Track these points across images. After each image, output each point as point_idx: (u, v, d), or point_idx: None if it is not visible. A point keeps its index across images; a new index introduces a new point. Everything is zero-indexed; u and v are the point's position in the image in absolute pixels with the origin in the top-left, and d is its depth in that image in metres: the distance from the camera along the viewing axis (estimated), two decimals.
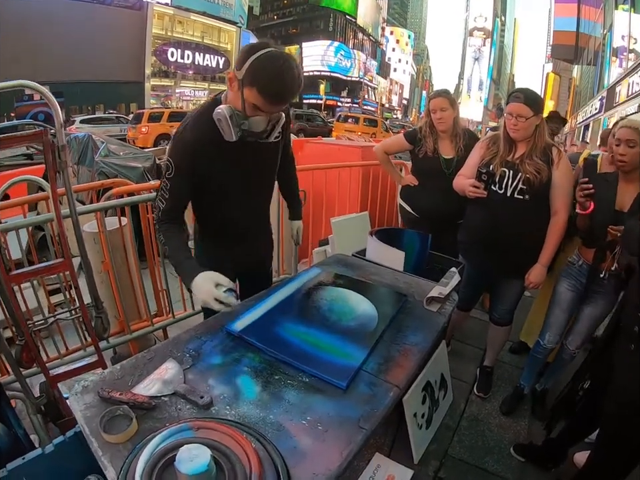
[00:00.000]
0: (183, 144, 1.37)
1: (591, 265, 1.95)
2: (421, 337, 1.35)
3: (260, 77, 1.21)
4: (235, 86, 1.28)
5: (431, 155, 2.53)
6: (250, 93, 1.24)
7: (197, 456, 0.72)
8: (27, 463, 1.06)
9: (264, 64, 1.21)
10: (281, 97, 1.28)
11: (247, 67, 1.21)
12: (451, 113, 2.46)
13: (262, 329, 1.30)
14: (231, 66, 37.92)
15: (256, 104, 1.27)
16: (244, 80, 1.23)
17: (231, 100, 1.32)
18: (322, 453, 0.89)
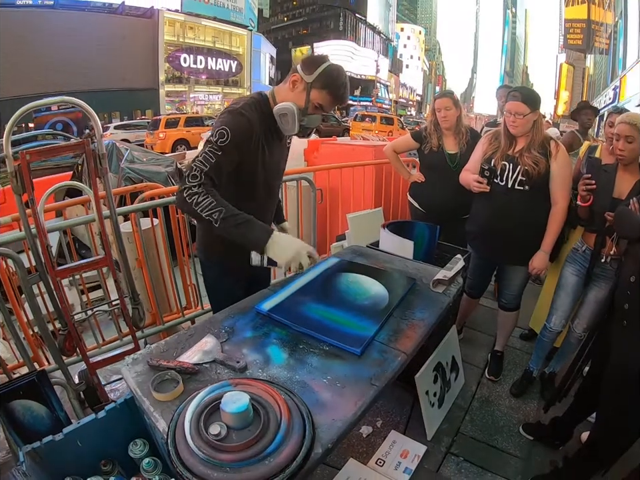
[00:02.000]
0: (245, 120, 1.43)
1: (593, 249, 2.05)
2: (427, 314, 1.52)
3: (333, 82, 1.46)
4: (299, 87, 1.47)
5: (436, 150, 2.72)
6: (319, 95, 1.47)
7: (239, 399, 0.91)
8: (81, 427, 1.17)
9: (335, 73, 1.47)
10: (344, 99, 1.52)
11: (319, 73, 1.44)
12: (454, 112, 2.65)
13: (287, 308, 1.49)
14: (244, 69, 38.30)
15: (322, 104, 1.49)
16: (314, 83, 1.45)
17: (289, 99, 1.49)
18: (340, 404, 1.06)
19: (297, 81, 1.47)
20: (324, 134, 16.88)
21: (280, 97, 1.52)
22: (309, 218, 3.33)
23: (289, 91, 1.50)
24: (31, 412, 1.60)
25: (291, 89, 1.49)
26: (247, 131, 1.44)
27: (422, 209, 2.92)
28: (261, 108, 1.50)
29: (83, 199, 2.56)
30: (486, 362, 2.72)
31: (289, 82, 1.49)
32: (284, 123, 1.49)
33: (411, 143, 2.90)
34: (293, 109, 1.45)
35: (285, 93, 1.51)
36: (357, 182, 3.64)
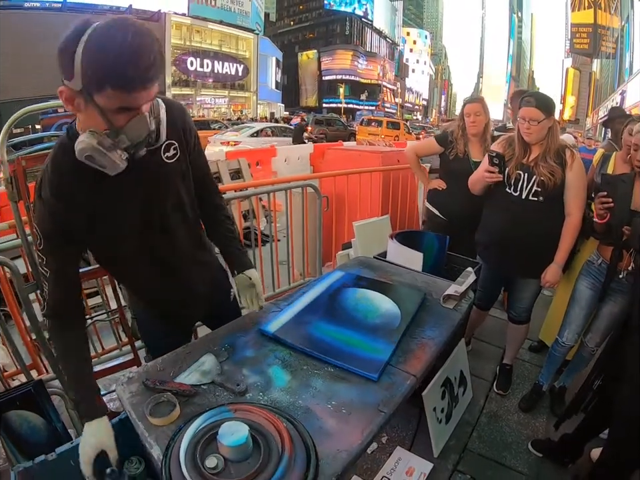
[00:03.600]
0: (43, 205, 1.04)
1: (609, 264, 1.97)
2: (438, 332, 1.45)
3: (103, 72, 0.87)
4: (79, 104, 0.93)
5: (461, 156, 2.65)
6: (104, 98, 0.90)
7: (237, 431, 0.84)
8: (74, 447, 1.12)
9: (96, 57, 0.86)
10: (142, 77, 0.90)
11: (80, 71, 0.87)
12: (483, 118, 2.59)
13: (296, 329, 1.41)
14: (250, 73, 38.64)
15: (123, 105, 0.92)
16: (87, 88, 0.88)
17: (85, 124, 0.97)
18: (345, 432, 1.00)
19: (70, 98, 0.93)
20: (330, 139, 16.90)
21: (81, 126, 1.00)
22: (314, 225, 3.28)
23: (80, 116, 0.98)
24: (27, 422, 1.55)
25: (74, 110, 0.95)
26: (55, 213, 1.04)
27: (442, 216, 2.85)
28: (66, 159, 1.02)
29: None
30: (494, 375, 2.66)
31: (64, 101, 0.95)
32: (101, 165, 0.97)
33: (435, 146, 2.80)
34: (89, 143, 0.93)
35: (81, 118, 0.99)
36: (363, 188, 3.60)
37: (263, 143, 11.35)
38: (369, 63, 58.18)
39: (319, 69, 55.46)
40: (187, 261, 1.31)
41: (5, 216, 3.24)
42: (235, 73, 37.65)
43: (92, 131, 0.94)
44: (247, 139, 11.83)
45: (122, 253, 1.19)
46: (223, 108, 36.72)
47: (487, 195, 2.26)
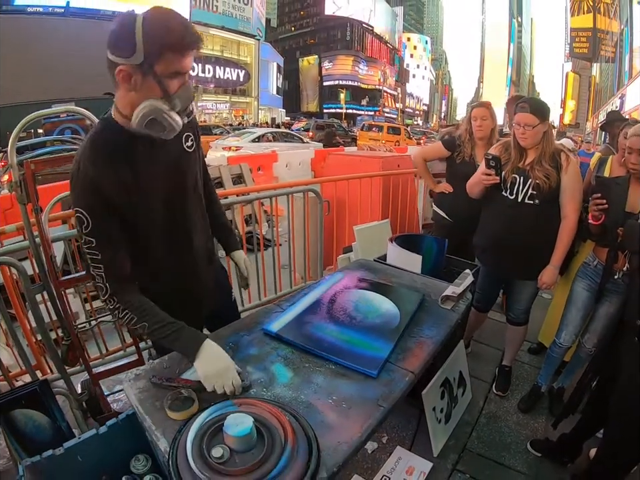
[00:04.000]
0: (84, 184, 1.12)
1: (605, 265, 2.00)
2: (435, 331, 1.49)
3: (165, 36, 1.04)
4: (137, 80, 1.07)
5: (468, 160, 2.72)
6: (165, 62, 1.05)
7: (242, 422, 0.88)
8: (82, 442, 1.15)
9: (157, 23, 1.04)
10: (191, 42, 1.09)
11: (142, 42, 1.02)
12: (490, 123, 2.67)
13: (298, 329, 1.46)
14: (251, 78, 38.74)
15: (176, 68, 1.08)
16: (148, 58, 1.03)
17: (137, 99, 1.10)
18: (345, 426, 1.04)
19: (129, 74, 1.06)
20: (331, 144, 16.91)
21: (123, 105, 1.14)
22: (315, 229, 3.31)
23: (126, 92, 1.11)
24: (32, 421, 1.59)
25: (129, 87, 1.09)
26: (98, 191, 1.11)
27: (448, 218, 2.92)
28: (106, 139, 1.16)
29: None
30: (494, 376, 2.68)
31: (119, 83, 1.09)
32: (156, 129, 1.11)
33: (442, 150, 2.89)
34: (155, 105, 1.08)
35: (124, 97, 1.13)
36: (364, 193, 3.62)
37: (265, 148, 11.39)
38: (370, 68, 58.34)
39: (319, 74, 55.64)
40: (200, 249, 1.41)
41: (10, 219, 3.28)
42: (237, 78, 37.79)
43: (151, 99, 1.08)
44: (249, 144, 11.87)
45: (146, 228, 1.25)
46: (224, 113, 36.83)
47: (484, 198, 2.30)
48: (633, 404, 1.51)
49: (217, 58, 35.85)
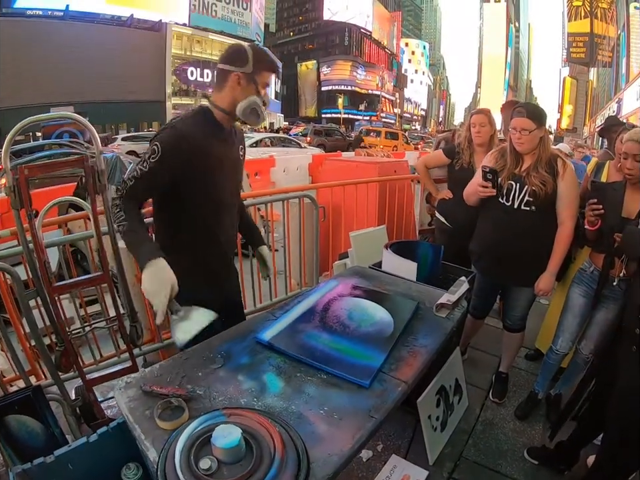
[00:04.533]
0: (180, 135, 1.41)
1: (602, 271, 1.99)
2: (430, 340, 1.48)
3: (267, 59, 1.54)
4: (243, 82, 1.48)
5: (466, 166, 2.74)
6: (262, 77, 1.52)
7: (230, 433, 0.87)
8: (72, 450, 1.15)
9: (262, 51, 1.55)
10: (279, 67, 1.71)
11: (253, 60, 1.48)
12: (488, 130, 2.69)
13: (290, 337, 1.44)
14: None
15: (267, 82, 1.54)
16: (255, 70, 1.49)
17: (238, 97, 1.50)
18: (336, 437, 1.02)
19: (239, 78, 1.48)
20: (329, 149, 16.96)
21: (224, 101, 1.52)
22: (311, 235, 3.30)
23: (232, 91, 1.50)
24: (25, 427, 1.59)
25: (235, 87, 1.49)
26: (181, 145, 1.40)
27: (448, 224, 2.94)
28: (204, 119, 1.52)
29: (83, 214, 2.53)
30: (490, 383, 2.66)
31: (229, 83, 1.49)
32: (253, 118, 1.53)
33: (443, 158, 2.93)
34: (256, 100, 1.50)
35: (228, 95, 1.50)
36: (360, 199, 3.61)
37: (262, 153, 11.37)
38: (368, 74, 58.54)
39: (318, 79, 55.82)
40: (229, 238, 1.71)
41: (7, 223, 3.27)
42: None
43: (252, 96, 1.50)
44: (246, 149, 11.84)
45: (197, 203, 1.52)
46: None
47: (480, 204, 2.29)
48: (631, 409, 1.51)
49: (216, 63, 35.74)
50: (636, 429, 1.49)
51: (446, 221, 2.97)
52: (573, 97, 44.73)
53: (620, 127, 3.38)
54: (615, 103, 22.75)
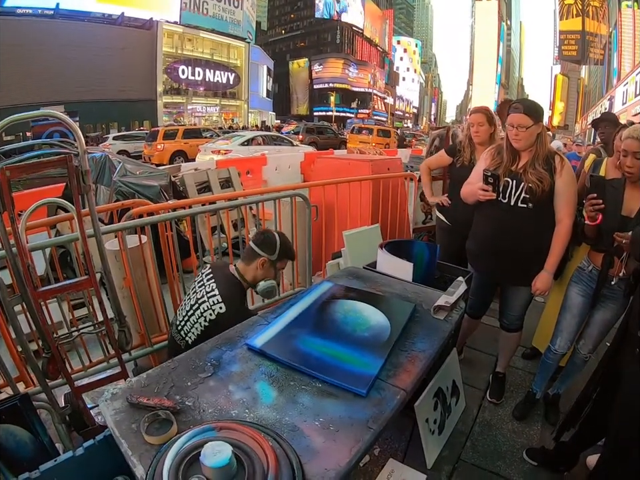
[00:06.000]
0: None
1: (601, 270, 1.96)
2: (428, 344, 1.43)
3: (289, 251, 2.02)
4: (267, 265, 1.94)
5: (467, 164, 2.72)
6: (282, 264, 2.01)
7: (220, 451, 0.81)
8: (58, 464, 1.11)
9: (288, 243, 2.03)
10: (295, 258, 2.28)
11: (279, 251, 1.95)
12: (487, 128, 2.67)
13: (283, 344, 1.39)
14: (241, 81, 38.60)
15: (283, 267, 2.05)
16: (279, 258, 1.96)
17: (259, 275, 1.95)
18: (333, 450, 0.97)
19: (264, 262, 1.92)
20: (321, 147, 16.91)
21: (249, 275, 1.96)
22: (303, 235, 3.24)
23: (257, 270, 1.94)
24: (13, 437, 1.54)
25: (260, 268, 1.93)
26: None
27: (447, 222, 2.94)
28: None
29: (68, 216, 2.46)
30: (487, 384, 2.63)
31: (256, 264, 1.93)
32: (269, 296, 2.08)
33: (445, 157, 2.94)
34: (274, 284, 1.99)
35: (254, 271, 1.95)
36: (353, 197, 3.56)
37: (254, 152, 11.29)
38: (360, 71, 58.50)
39: (310, 77, 55.72)
40: None
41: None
42: (226, 81, 37.72)
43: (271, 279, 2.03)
44: (238, 148, 11.79)
45: None
46: (214, 116, 36.73)
47: (477, 203, 2.25)
48: (635, 413, 1.47)
49: (207, 61, 35.78)
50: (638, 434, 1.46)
51: (445, 219, 2.96)
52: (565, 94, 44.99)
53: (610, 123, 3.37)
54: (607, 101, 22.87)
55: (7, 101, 19.77)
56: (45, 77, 23.84)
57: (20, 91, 21.71)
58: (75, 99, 23.87)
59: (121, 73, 28.41)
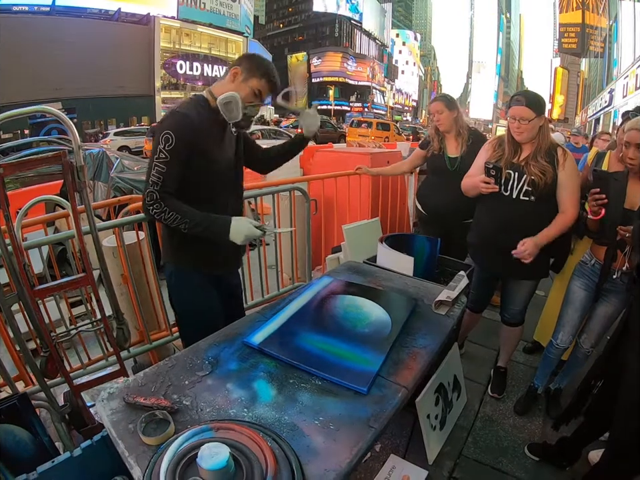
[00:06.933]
0: (186, 119, 1.50)
1: (603, 264, 1.95)
2: (430, 340, 1.41)
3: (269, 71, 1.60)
4: (239, 78, 1.59)
5: (437, 152, 2.78)
6: (258, 82, 1.59)
7: (217, 453, 0.79)
8: (56, 465, 1.10)
9: (270, 64, 1.64)
10: (278, 85, 1.67)
11: (257, 64, 1.59)
12: (447, 115, 2.68)
13: (282, 341, 1.37)
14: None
15: (260, 90, 1.61)
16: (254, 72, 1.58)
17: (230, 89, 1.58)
18: (333, 450, 0.95)
19: (237, 73, 1.59)
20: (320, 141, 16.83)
21: (219, 91, 1.60)
22: (302, 229, 3.22)
23: (228, 84, 1.61)
24: (12, 436, 1.52)
25: (232, 80, 1.60)
26: (189, 127, 1.50)
27: (424, 212, 2.96)
28: (200, 105, 1.60)
29: (64, 213, 2.43)
30: (489, 378, 2.63)
31: (229, 75, 1.61)
32: (228, 111, 1.57)
33: (419, 152, 3.01)
34: (236, 96, 1.54)
35: (224, 86, 1.61)
36: (352, 191, 3.53)
37: None
38: (359, 65, 58.20)
39: (308, 71, 55.48)
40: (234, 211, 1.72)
41: None
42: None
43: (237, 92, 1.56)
44: None
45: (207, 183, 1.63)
46: None
47: (478, 195, 2.22)
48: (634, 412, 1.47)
49: (205, 55, 35.57)
50: None
51: (422, 209, 2.99)
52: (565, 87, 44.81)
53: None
54: (607, 93, 22.81)
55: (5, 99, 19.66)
56: (42, 73, 23.71)
57: (17, 88, 21.55)
58: (73, 96, 23.73)
59: (119, 68, 28.24)
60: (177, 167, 1.50)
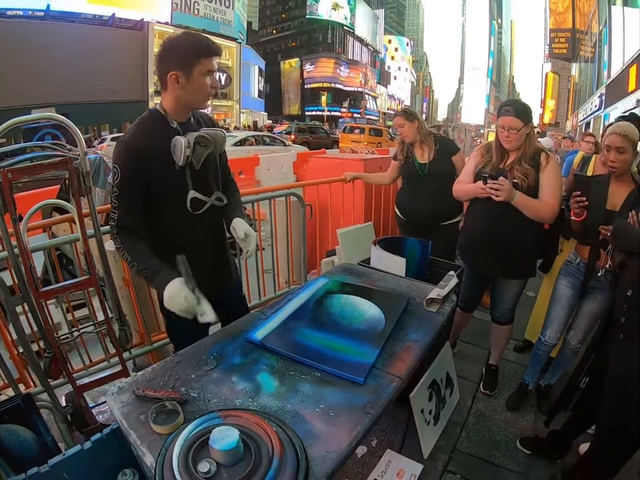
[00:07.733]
0: (127, 150, 1.42)
1: (588, 263, 2.03)
2: (421, 335, 1.49)
3: (198, 46, 1.41)
4: (183, 79, 1.40)
5: (405, 161, 2.94)
6: (200, 65, 1.41)
7: (228, 435, 0.86)
8: (66, 458, 1.14)
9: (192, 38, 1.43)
10: (213, 47, 1.46)
11: (185, 53, 1.39)
12: (409, 126, 2.83)
13: (282, 336, 1.44)
14: (232, 81, 38.43)
15: (209, 68, 1.44)
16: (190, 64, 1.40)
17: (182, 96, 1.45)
18: (333, 434, 1.02)
19: (178, 76, 1.40)
20: (313, 146, 16.91)
21: (169, 103, 1.48)
22: (298, 234, 3.28)
23: (176, 90, 1.43)
24: (16, 436, 1.56)
25: (179, 87, 1.42)
26: (132, 157, 1.41)
27: (402, 216, 3.06)
28: (154, 121, 1.49)
29: (69, 217, 2.49)
30: (481, 376, 2.69)
31: (169, 84, 1.42)
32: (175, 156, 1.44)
33: (394, 164, 3.12)
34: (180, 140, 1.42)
35: (173, 94, 1.45)
36: (346, 196, 3.60)
37: (247, 152, 11.28)
38: (351, 71, 58.54)
39: (301, 77, 55.70)
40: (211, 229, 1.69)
41: None
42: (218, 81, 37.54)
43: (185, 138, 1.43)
44: (230, 148, 11.77)
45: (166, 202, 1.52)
46: None
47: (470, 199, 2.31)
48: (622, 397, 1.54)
49: None
50: (627, 417, 1.52)
51: (399, 213, 3.09)
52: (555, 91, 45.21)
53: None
54: (597, 98, 23.08)
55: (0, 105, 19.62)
56: (36, 78, 23.61)
57: (10, 93, 21.48)
58: (66, 101, 23.69)
59: (112, 74, 28.21)
60: (129, 199, 1.44)
